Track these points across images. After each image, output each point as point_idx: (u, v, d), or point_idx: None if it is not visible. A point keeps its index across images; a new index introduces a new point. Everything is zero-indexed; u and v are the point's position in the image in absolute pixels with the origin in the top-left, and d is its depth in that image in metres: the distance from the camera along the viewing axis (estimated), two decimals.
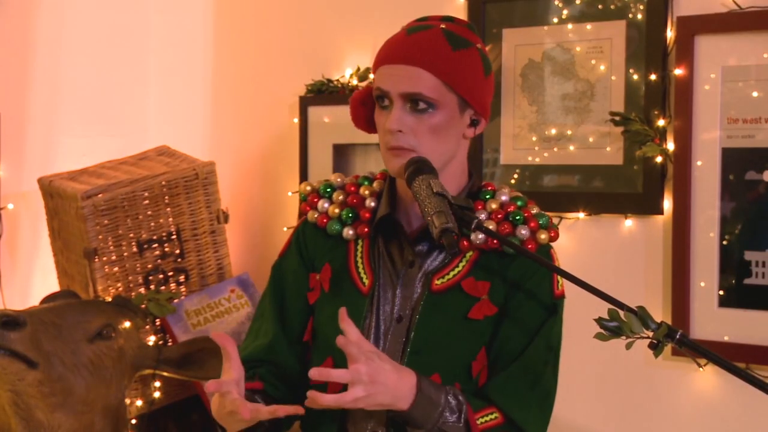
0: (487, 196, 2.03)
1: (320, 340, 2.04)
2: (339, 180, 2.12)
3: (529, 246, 1.98)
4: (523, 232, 1.98)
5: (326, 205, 2.09)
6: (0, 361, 2.44)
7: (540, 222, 2.00)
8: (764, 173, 2.55)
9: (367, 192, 2.07)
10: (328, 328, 1.99)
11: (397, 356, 1.96)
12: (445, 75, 1.91)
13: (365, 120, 2.06)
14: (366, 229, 2.03)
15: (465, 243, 1.97)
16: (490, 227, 1.96)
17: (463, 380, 1.97)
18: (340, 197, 2.08)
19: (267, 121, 3.44)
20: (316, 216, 2.10)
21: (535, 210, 2.02)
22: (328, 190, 2.11)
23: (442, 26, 1.95)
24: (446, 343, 1.97)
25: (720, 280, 2.60)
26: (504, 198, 2.02)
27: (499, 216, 1.99)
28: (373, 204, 2.05)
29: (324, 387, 1.92)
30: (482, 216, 1.98)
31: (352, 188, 2.09)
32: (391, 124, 1.91)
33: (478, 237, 1.96)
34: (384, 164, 1.99)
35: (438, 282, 1.98)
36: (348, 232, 2.05)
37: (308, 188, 2.14)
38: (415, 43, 1.92)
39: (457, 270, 1.98)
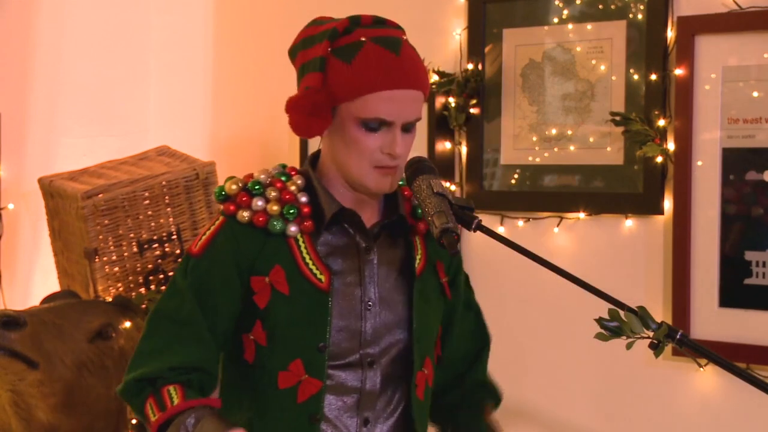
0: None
1: (281, 343, 1.94)
2: (263, 177, 1.99)
3: None
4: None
5: (260, 203, 1.95)
6: (0, 361, 2.44)
7: None
8: (764, 173, 2.55)
9: (293, 188, 1.97)
10: (290, 331, 1.93)
11: (381, 342, 1.95)
12: (427, 90, 1.94)
13: (316, 126, 1.94)
14: (309, 224, 1.95)
15: (422, 226, 1.99)
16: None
17: (433, 360, 2.04)
18: (273, 194, 1.96)
19: (267, 121, 3.44)
20: (246, 215, 1.95)
21: None
22: (257, 187, 1.96)
23: (404, 37, 1.92)
24: (433, 325, 2.02)
25: (720, 280, 2.60)
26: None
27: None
28: (304, 199, 1.96)
29: (294, 392, 1.91)
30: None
31: (279, 184, 1.98)
32: (401, 150, 1.88)
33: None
34: (363, 181, 1.91)
35: (416, 266, 1.99)
36: (291, 228, 1.94)
37: (234, 187, 1.97)
38: (410, 64, 1.89)
39: (420, 253, 2.00)
